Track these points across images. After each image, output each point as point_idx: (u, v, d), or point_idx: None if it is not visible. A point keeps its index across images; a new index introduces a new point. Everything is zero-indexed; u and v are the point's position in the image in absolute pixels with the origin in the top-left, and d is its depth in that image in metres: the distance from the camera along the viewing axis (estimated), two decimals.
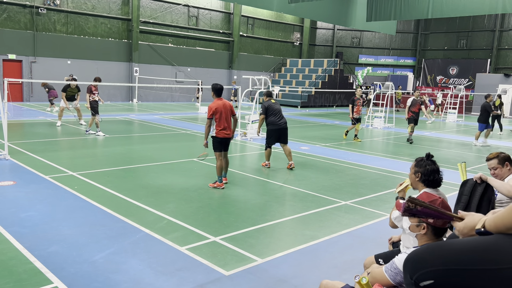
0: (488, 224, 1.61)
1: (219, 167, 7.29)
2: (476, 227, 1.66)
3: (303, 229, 5.59)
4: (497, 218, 1.59)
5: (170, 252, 4.62)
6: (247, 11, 32.42)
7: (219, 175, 7.31)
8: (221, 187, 7.28)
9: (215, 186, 7.29)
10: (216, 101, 7.27)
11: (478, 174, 3.73)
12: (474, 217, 1.76)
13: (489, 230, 1.60)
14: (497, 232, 1.58)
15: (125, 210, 5.94)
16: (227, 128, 7.29)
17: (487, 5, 13.70)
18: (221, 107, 7.22)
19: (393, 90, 19.36)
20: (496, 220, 1.59)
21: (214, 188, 7.27)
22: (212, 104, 7.24)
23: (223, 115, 7.21)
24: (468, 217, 1.79)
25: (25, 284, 3.80)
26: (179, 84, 28.48)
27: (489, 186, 3.65)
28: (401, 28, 37.50)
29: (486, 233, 1.61)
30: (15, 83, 21.98)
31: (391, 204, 6.82)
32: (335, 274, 4.27)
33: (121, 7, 26.63)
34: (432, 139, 15.72)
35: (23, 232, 4.98)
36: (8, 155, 8.87)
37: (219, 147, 7.31)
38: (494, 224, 1.59)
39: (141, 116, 18.92)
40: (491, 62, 34.19)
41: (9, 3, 22.49)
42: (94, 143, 11.59)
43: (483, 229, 1.62)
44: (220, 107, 7.21)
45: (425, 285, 1.65)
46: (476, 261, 1.53)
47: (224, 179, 7.51)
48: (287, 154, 9.20)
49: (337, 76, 32.39)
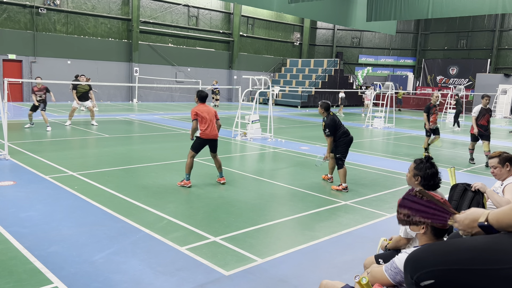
0: (491, 218, 1.60)
1: (188, 165, 7.34)
2: (479, 220, 1.65)
3: (303, 229, 5.59)
4: (500, 213, 1.58)
5: (170, 252, 4.61)
6: (247, 11, 32.42)
7: (187, 173, 7.35)
8: (187, 185, 7.29)
9: (183, 185, 7.32)
10: (199, 106, 7.45)
11: (478, 185, 3.73)
12: (477, 210, 1.75)
13: (492, 225, 1.59)
14: (498, 227, 1.57)
15: (125, 210, 5.94)
16: (211, 130, 7.42)
17: (487, 5, 13.71)
18: (204, 111, 7.40)
19: (393, 90, 19.33)
20: (499, 215, 1.58)
21: (182, 186, 7.30)
22: (195, 108, 7.43)
23: (206, 117, 7.36)
24: (470, 210, 1.78)
25: (25, 284, 3.80)
26: (179, 84, 28.47)
27: (478, 191, 3.69)
28: (401, 28, 37.50)
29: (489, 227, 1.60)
30: (15, 83, 21.98)
31: (391, 204, 6.82)
32: (335, 274, 4.27)
33: (121, 7, 26.63)
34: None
35: (23, 232, 4.98)
36: (8, 155, 8.87)
37: (198, 148, 7.42)
38: (497, 219, 1.58)
39: (141, 116, 18.92)
40: (491, 62, 34.19)
41: (9, 3, 22.48)
42: (94, 143, 11.59)
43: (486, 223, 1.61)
44: (203, 110, 7.39)
45: (426, 285, 1.65)
46: (477, 261, 1.53)
47: (221, 179, 7.63)
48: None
49: (337, 76, 32.39)
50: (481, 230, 1.64)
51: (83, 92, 14.63)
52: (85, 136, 12.60)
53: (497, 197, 3.82)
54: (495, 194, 3.85)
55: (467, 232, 1.74)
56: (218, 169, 7.67)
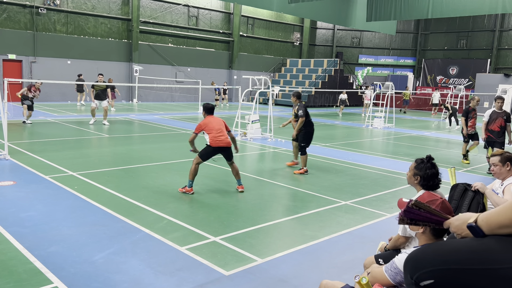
0: (480, 219, 1.61)
1: (192, 172, 6.94)
2: (469, 221, 1.66)
3: (303, 229, 5.59)
4: (490, 215, 1.58)
5: (170, 252, 4.61)
6: (247, 11, 32.42)
7: (190, 180, 6.96)
8: (190, 192, 6.93)
9: (184, 191, 6.95)
10: (207, 118, 7.15)
11: (478, 185, 3.73)
12: (470, 213, 1.77)
13: (480, 226, 1.59)
14: (487, 229, 1.57)
15: (125, 210, 5.94)
16: (223, 138, 6.99)
17: (487, 5, 13.72)
18: (212, 121, 7.04)
19: (393, 90, 19.33)
20: (489, 217, 1.58)
21: (183, 193, 6.94)
22: (202, 122, 7.10)
23: (215, 126, 6.98)
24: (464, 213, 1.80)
25: (25, 284, 3.80)
26: (179, 84, 28.49)
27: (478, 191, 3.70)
28: (401, 28, 37.51)
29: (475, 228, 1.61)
30: (15, 83, 21.97)
31: (391, 204, 6.82)
32: (335, 274, 4.27)
33: (121, 7, 26.63)
34: (431, 139, 15.73)
35: (23, 232, 4.98)
36: (8, 155, 8.87)
37: (206, 156, 7.02)
38: (487, 220, 1.58)
39: (141, 116, 18.92)
40: (491, 62, 34.20)
41: (9, 3, 22.48)
42: (94, 143, 11.59)
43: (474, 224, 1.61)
44: (211, 121, 7.04)
45: (425, 285, 1.65)
46: (476, 261, 1.53)
47: (240, 187, 7.23)
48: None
49: (337, 76, 32.39)
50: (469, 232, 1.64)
51: (100, 90, 14.80)
52: (85, 136, 12.60)
53: (496, 198, 3.83)
54: (494, 194, 3.86)
55: (458, 234, 1.76)
56: (235, 177, 7.25)
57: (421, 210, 1.95)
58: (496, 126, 9.31)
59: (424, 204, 1.96)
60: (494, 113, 9.40)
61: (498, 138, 9.31)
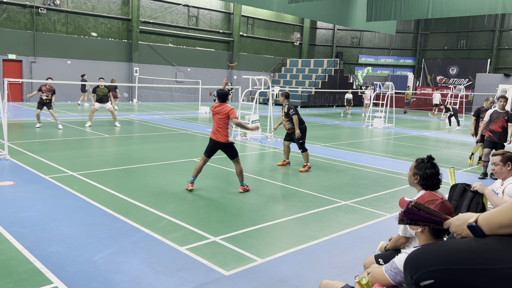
0: (481, 219, 1.61)
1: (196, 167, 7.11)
2: (469, 221, 1.65)
3: (303, 229, 5.59)
4: (491, 215, 1.58)
5: (170, 252, 4.61)
6: (247, 11, 32.42)
7: (193, 176, 7.08)
8: (188, 188, 7.01)
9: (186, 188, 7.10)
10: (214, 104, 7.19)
11: (477, 185, 3.73)
12: (470, 213, 1.76)
13: (480, 226, 1.59)
14: (488, 229, 1.57)
15: (125, 210, 5.94)
16: (213, 131, 7.06)
17: (487, 5, 13.72)
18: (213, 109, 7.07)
19: (393, 90, 19.33)
20: (490, 217, 1.58)
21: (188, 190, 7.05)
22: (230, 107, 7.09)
23: (213, 118, 7.07)
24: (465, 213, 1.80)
25: (25, 284, 3.80)
26: (179, 84, 28.48)
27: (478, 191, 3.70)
28: (401, 28, 37.50)
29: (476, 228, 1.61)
30: (15, 83, 21.98)
31: (391, 204, 6.82)
32: (335, 274, 4.27)
33: (121, 7, 26.63)
34: (431, 139, 15.73)
35: (23, 232, 4.98)
36: (8, 155, 8.87)
37: (206, 150, 7.12)
38: (487, 220, 1.58)
39: (141, 116, 18.92)
40: (491, 62, 34.19)
41: (9, 3, 22.48)
42: (94, 143, 11.59)
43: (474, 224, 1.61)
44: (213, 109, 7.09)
45: (425, 285, 1.65)
46: (476, 261, 1.53)
47: (241, 188, 7.16)
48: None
49: (337, 76, 32.38)
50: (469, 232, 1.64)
51: (102, 95, 14.74)
52: (85, 136, 12.60)
53: (495, 199, 3.82)
54: (494, 195, 3.85)
55: (458, 234, 1.75)
56: (238, 177, 7.17)
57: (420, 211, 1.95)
58: (497, 126, 9.01)
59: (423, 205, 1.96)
60: (495, 112, 9.17)
61: (499, 140, 9.00)
